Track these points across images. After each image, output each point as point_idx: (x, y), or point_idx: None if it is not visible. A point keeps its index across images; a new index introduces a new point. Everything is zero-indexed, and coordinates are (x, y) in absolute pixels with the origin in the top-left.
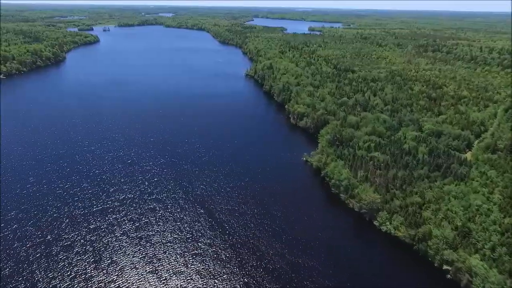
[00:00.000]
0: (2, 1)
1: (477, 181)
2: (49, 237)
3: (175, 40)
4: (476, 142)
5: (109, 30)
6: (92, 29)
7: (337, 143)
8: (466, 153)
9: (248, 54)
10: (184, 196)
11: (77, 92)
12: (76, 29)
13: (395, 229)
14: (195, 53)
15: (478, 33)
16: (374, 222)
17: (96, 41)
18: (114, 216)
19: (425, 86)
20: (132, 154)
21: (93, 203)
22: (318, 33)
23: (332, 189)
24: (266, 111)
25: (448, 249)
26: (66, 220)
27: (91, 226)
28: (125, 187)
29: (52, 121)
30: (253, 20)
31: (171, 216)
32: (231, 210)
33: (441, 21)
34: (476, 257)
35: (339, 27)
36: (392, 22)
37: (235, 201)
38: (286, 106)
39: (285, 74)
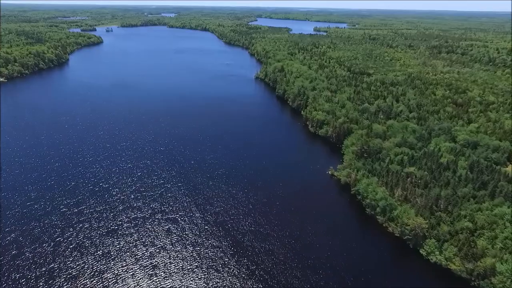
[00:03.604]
0: (3, 1)
1: None
2: (52, 265)
3: (180, 41)
4: None
5: (112, 30)
6: (95, 30)
7: (364, 155)
8: (507, 167)
9: (255, 55)
10: (201, 216)
11: (81, 96)
12: (79, 30)
13: (447, 261)
14: (201, 54)
15: (487, 34)
16: (420, 251)
17: (99, 42)
18: (124, 239)
19: (448, 91)
20: (142, 165)
21: (101, 223)
22: (324, 33)
23: (367, 210)
24: (281, 117)
25: None
26: (71, 244)
27: (99, 252)
28: (135, 204)
29: (55, 128)
30: (256, 20)
31: (189, 240)
32: (255, 233)
33: (446, 21)
34: None
35: (344, 28)
36: (398, 22)
37: (258, 221)
38: (302, 113)
39: (298, 77)
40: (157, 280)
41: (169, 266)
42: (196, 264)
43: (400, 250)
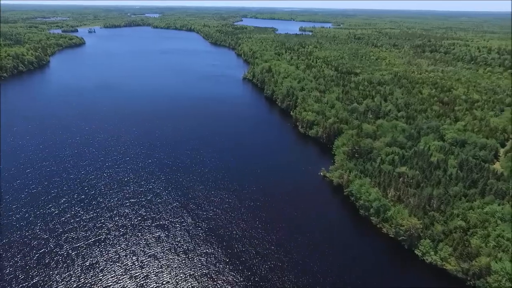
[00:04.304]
0: (3, 2)
1: None
2: (36, 279)
3: (165, 42)
4: (502, 151)
5: (94, 31)
6: (77, 31)
7: (356, 155)
8: (494, 164)
9: (242, 56)
10: (193, 221)
11: (64, 98)
12: (59, 31)
13: (442, 261)
14: (187, 55)
15: (467, 33)
16: (416, 251)
17: (81, 43)
18: (113, 249)
19: (434, 90)
20: (129, 170)
21: (88, 233)
22: (309, 33)
23: (361, 211)
24: (270, 118)
25: None
26: (56, 256)
27: (87, 263)
28: (123, 211)
29: (36, 133)
30: (242, 20)
31: (181, 247)
32: (249, 237)
33: (428, 20)
34: None
35: (329, 27)
36: (381, 22)
37: (252, 225)
38: (292, 113)
39: (286, 77)
40: None
41: (161, 276)
42: (189, 272)
43: (395, 251)
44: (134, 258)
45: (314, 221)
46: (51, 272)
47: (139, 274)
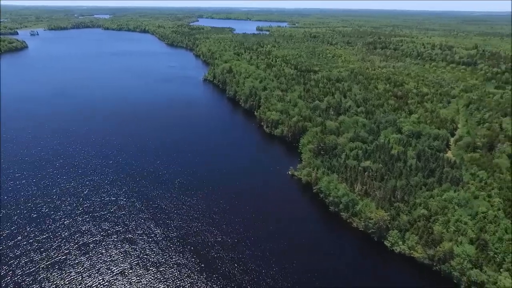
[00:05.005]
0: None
1: (472, 184)
2: None
3: (118, 43)
4: (452, 140)
5: (37, 34)
6: (17, 33)
7: (321, 152)
8: (447, 153)
9: (201, 57)
10: (161, 232)
11: (6, 110)
12: None
13: (410, 249)
14: (144, 56)
15: (412, 30)
16: (385, 243)
17: (23, 47)
18: (74, 270)
19: (388, 85)
20: (87, 183)
21: (43, 255)
22: (266, 32)
23: (331, 207)
24: (234, 119)
25: (473, 268)
26: (7, 286)
27: None
28: (84, 228)
29: None
30: (198, 20)
31: (151, 261)
32: (222, 243)
33: (376, 19)
34: (506, 275)
35: (286, 27)
36: (334, 21)
37: (223, 230)
38: (256, 113)
39: (248, 77)
40: None
41: None
42: (161, 287)
43: (366, 244)
44: (99, 278)
45: (286, 221)
46: None
47: None
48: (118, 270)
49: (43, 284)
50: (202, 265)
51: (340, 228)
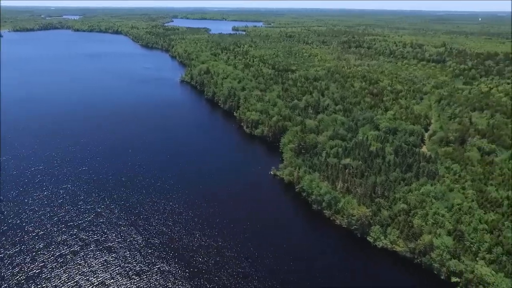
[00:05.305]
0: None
1: (447, 177)
2: None
3: (91, 45)
4: (426, 135)
5: (1, 35)
6: None
7: (302, 151)
8: (422, 148)
9: (177, 58)
10: (143, 239)
11: None
12: None
13: (392, 244)
14: (118, 58)
15: (383, 29)
16: (368, 238)
17: None
18: (51, 284)
19: (363, 83)
20: (62, 191)
21: (15, 270)
22: (243, 32)
23: (314, 206)
24: (214, 120)
25: (452, 258)
26: None
27: None
28: (60, 238)
29: None
30: (172, 21)
31: (133, 269)
32: (206, 247)
33: (349, 18)
34: (482, 264)
35: (261, 26)
36: (309, 20)
37: (207, 234)
38: (235, 114)
39: (226, 78)
40: None
41: None
42: None
43: (350, 240)
44: None
45: (270, 221)
46: None
47: None
48: (98, 281)
49: None
50: (187, 270)
51: (324, 226)
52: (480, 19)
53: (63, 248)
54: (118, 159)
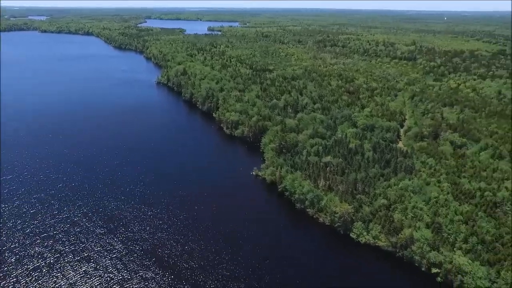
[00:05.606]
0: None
1: (423, 172)
2: None
3: (60, 47)
4: (402, 131)
5: None
6: None
7: (283, 150)
8: (398, 143)
9: (152, 59)
10: (123, 246)
11: None
12: None
13: (374, 239)
14: (91, 61)
15: (357, 28)
16: (351, 235)
17: None
18: None
19: (340, 81)
20: (33, 201)
21: None
22: (218, 33)
23: (297, 205)
24: (193, 122)
25: (431, 250)
26: None
27: None
28: (33, 251)
29: None
30: (146, 21)
31: (114, 279)
32: (190, 252)
33: (323, 18)
34: (460, 254)
35: (237, 26)
36: (284, 20)
37: (190, 238)
38: (215, 115)
39: (203, 79)
40: None
41: None
42: None
43: (333, 237)
44: None
45: (254, 222)
46: None
47: None
48: None
49: None
50: (172, 277)
51: (308, 224)
52: (445, 18)
53: (37, 261)
54: (94, 165)
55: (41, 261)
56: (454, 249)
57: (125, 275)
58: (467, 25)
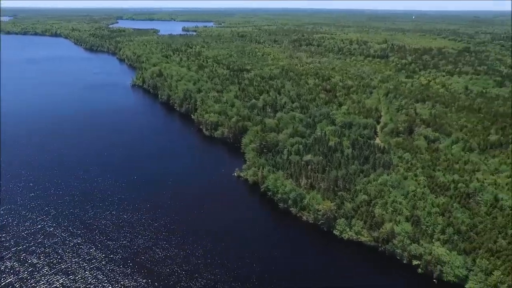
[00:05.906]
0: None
1: (400, 166)
2: None
3: (29, 49)
4: (379, 127)
5: None
6: None
7: (264, 150)
8: (376, 140)
9: (126, 61)
10: (104, 256)
11: None
12: None
13: (357, 235)
14: (61, 63)
15: (330, 28)
16: (334, 231)
17: None
18: None
19: (316, 79)
20: (2, 212)
21: None
22: (194, 33)
23: (280, 204)
24: (171, 124)
25: (412, 243)
26: None
27: None
28: (3, 266)
29: None
30: (117, 22)
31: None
32: (174, 257)
33: (296, 17)
34: (438, 245)
35: (212, 26)
36: (258, 19)
37: (173, 243)
38: (193, 117)
39: (180, 80)
40: None
41: None
42: None
43: (317, 234)
44: None
45: (238, 223)
46: None
47: None
48: None
49: None
50: (155, 284)
51: (291, 223)
52: (414, 17)
53: (9, 276)
54: (68, 172)
55: (13, 277)
56: (433, 240)
57: (107, 285)
58: (434, 24)
